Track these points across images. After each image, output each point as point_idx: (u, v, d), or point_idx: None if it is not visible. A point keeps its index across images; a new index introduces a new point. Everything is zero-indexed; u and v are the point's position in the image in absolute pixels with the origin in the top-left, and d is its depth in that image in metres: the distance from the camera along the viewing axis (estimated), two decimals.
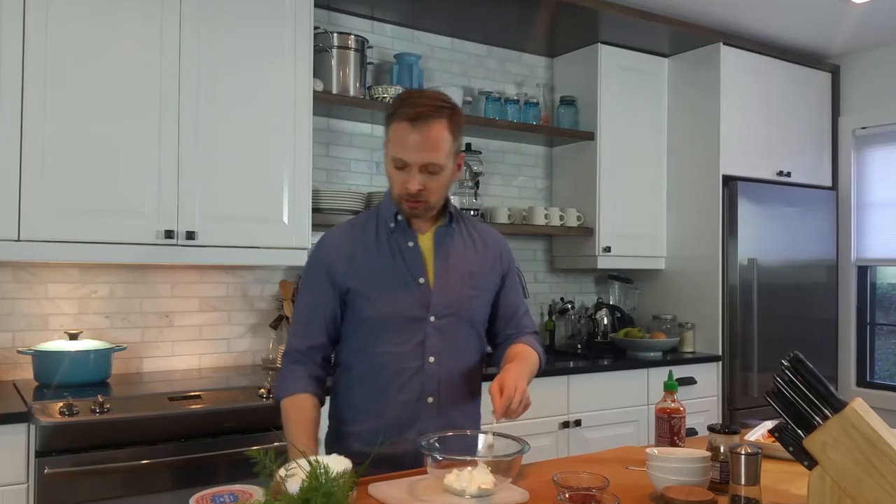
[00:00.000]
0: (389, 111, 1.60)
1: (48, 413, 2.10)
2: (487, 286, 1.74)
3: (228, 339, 3.02)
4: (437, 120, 1.56)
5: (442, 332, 1.65)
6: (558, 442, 3.13)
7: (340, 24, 3.27)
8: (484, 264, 1.74)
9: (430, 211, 1.66)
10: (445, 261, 1.68)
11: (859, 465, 1.19)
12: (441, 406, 1.66)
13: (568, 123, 3.72)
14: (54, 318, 2.69)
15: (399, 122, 1.56)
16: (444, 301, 1.65)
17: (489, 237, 1.79)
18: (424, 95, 1.61)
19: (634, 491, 1.45)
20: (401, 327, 1.64)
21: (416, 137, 1.55)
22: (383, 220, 1.69)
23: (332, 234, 1.73)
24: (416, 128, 1.55)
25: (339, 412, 1.73)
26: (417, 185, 1.58)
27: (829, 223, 4.13)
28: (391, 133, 1.59)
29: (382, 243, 1.67)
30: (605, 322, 3.86)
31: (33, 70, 2.35)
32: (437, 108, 1.57)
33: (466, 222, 1.77)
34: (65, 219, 2.39)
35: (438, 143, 1.57)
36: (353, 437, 1.66)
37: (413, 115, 1.55)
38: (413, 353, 1.64)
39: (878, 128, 4.13)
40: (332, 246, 1.69)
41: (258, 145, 2.73)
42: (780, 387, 1.29)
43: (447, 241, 1.70)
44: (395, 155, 1.58)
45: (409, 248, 1.67)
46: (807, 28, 3.82)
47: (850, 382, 4.15)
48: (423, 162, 1.56)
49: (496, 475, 1.35)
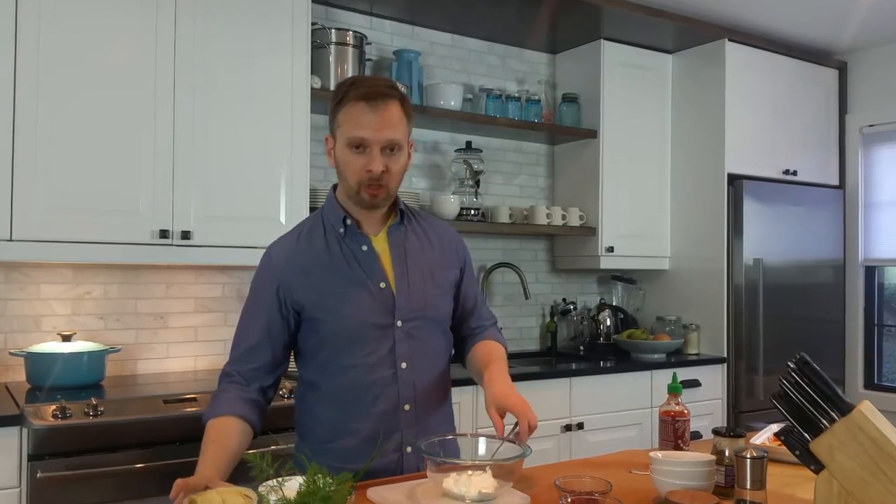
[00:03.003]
0: (337, 96, 1.56)
1: (41, 416, 2.09)
2: (448, 281, 1.69)
3: (224, 340, 2.98)
4: (391, 100, 1.53)
5: (410, 336, 1.60)
6: (560, 445, 3.11)
7: (338, 20, 3.25)
8: (442, 259, 1.69)
9: (388, 200, 1.60)
10: (404, 261, 1.62)
11: (867, 468, 1.18)
12: (418, 412, 1.61)
13: (570, 121, 3.71)
14: (47, 319, 2.67)
15: (353, 103, 1.52)
16: (409, 304, 1.60)
17: (443, 231, 1.74)
18: (373, 78, 1.60)
19: (638, 495, 1.43)
20: (368, 337, 1.57)
21: (373, 116, 1.50)
22: (330, 225, 1.62)
23: (277, 247, 1.65)
24: (373, 107, 1.51)
25: (310, 431, 1.65)
26: (381, 166, 1.51)
27: (836, 223, 4.10)
28: (343, 116, 1.53)
29: (334, 251, 1.60)
30: (607, 323, 3.84)
31: (26, 67, 2.33)
32: (390, 88, 1.55)
33: (417, 218, 1.72)
34: (58, 218, 2.37)
35: (396, 121, 1.53)
36: (330, 455, 1.56)
37: (367, 94, 1.51)
38: (384, 362, 1.57)
39: (886, 126, 4.10)
40: (281, 262, 1.61)
41: (255, 143, 2.71)
42: (786, 389, 1.27)
43: (402, 241, 1.64)
44: (352, 134, 1.51)
45: (364, 253, 1.60)
46: (813, 24, 3.80)
47: (857, 385, 4.13)
48: (385, 139, 1.51)
49: (497, 479, 1.34)
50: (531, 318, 3.84)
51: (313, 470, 1.10)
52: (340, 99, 1.54)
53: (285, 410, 2.42)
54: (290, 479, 1.19)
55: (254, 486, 1.18)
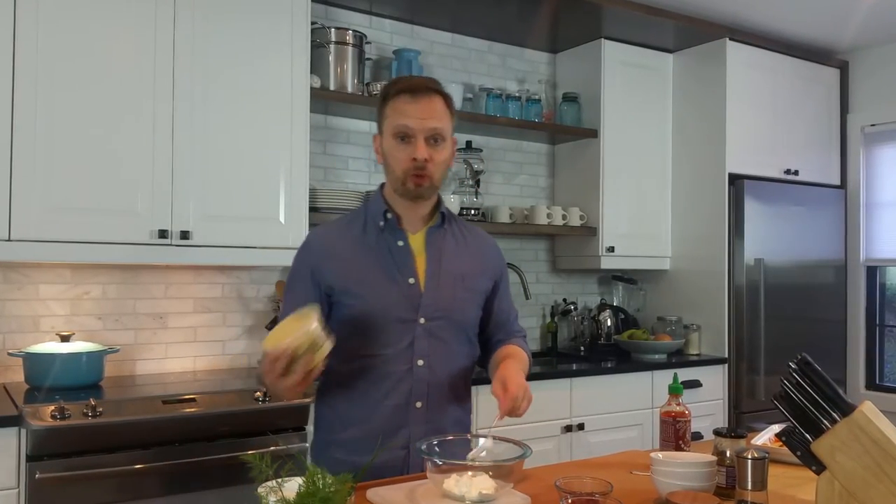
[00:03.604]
0: (383, 93, 1.63)
1: (39, 417, 2.08)
2: (480, 289, 1.72)
3: (223, 341, 2.99)
4: (435, 94, 1.60)
5: (432, 335, 1.61)
6: (561, 446, 3.10)
7: (338, 19, 3.24)
8: (477, 266, 1.72)
9: (432, 191, 1.63)
10: (437, 262, 1.65)
11: (868, 469, 1.18)
12: (429, 412, 1.62)
13: (571, 120, 3.70)
14: (46, 319, 2.66)
15: (398, 96, 1.59)
16: (435, 303, 1.62)
17: (482, 239, 1.78)
18: (418, 76, 1.66)
19: (638, 496, 1.43)
20: (388, 329, 1.59)
21: (417, 106, 1.57)
22: (372, 218, 1.66)
23: (316, 233, 1.71)
24: (417, 98, 1.58)
25: (325, 420, 1.69)
26: (425, 153, 1.56)
27: (838, 222, 4.09)
28: (389, 110, 1.60)
29: (370, 241, 1.64)
30: (608, 324, 3.83)
31: (24, 66, 2.32)
32: (433, 84, 1.62)
33: (458, 223, 1.75)
34: (56, 218, 2.37)
35: (440, 112, 1.59)
36: (339, 446, 1.62)
37: (411, 86, 1.59)
38: (401, 357, 1.60)
39: (887, 125, 4.09)
40: (317, 245, 1.66)
41: (254, 143, 2.70)
42: (788, 390, 1.27)
43: (439, 242, 1.67)
44: (398, 122, 1.57)
45: (399, 248, 1.63)
46: (815, 23, 3.78)
47: (858, 385, 4.11)
48: (429, 128, 1.57)
49: (497, 480, 1.33)
50: (532, 319, 3.83)
51: (313, 471, 1.10)
52: (385, 95, 1.62)
53: (284, 411, 2.44)
54: (290, 479, 1.19)
55: (253, 487, 1.18)
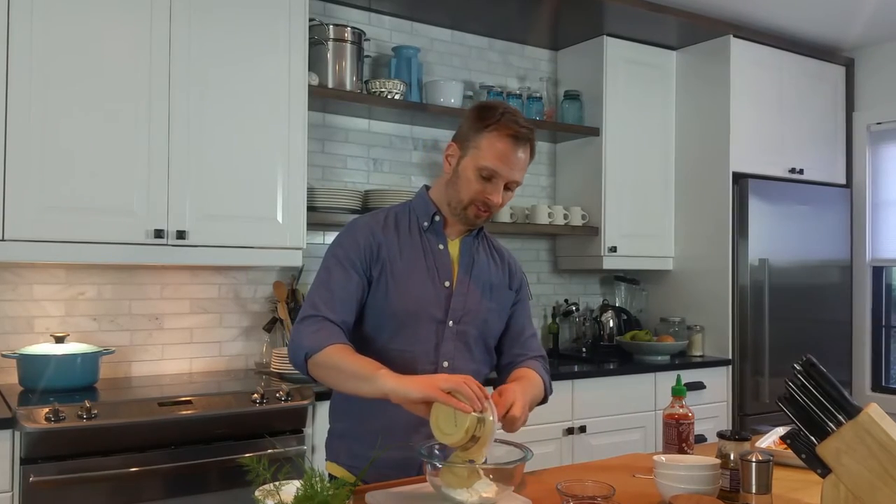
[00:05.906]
0: (487, 118, 1.60)
1: (33, 419, 2.08)
2: (504, 302, 1.76)
3: (220, 342, 2.98)
4: (530, 143, 1.63)
5: (459, 339, 1.65)
6: (562, 449, 3.08)
7: (336, 16, 3.23)
8: (503, 280, 1.76)
9: (486, 221, 1.70)
10: (469, 270, 1.70)
11: (874, 472, 1.18)
12: None
13: (572, 118, 3.68)
14: (40, 320, 2.65)
15: (502, 135, 1.58)
16: (464, 308, 1.66)
17: (506, 254, 1.83)
18: (520, 115, 1.64)
19: (641, 500, 1.44)
20: (418, 326, 1.62)
21: (519, 156, 1.60)
22: (416, 217, 1.71)
23: (364, 220, 1.71)
24: (520, 146, 1.59)
25: (342, 410, 1.69)
26: (500, 199, 1.62)
27: (843, 222, 4.07)
28: (486, 142, 1.59)
29: (414, 240, 1.68)
30: (610, 325, 3.81)
31: (18, 64, 2.31)
32: (533, 134, 1.64)
33: (488, 238, 1.81)
34: (51, 218, 2.36)
35: (526, 164, 1.64)
36: (356, 439, 1.62)
37: (518, 133, 1.58)
38: (427, 356, 1.62)
39: (893, 123, 4.07)
40: (368, 230, 1.67)
41: (251, 141, 2.69)
42: (793, 392, 1.27)
43: (472, 252, 1.72)
44: (488, 165, 1.58)
45: (440, 251, 1.69)
46: (820, 20, 3.77)
47: (864, 387, 4.10)
48: (514, 179, 1.61)
49: (498, 483, 1.33)
50: (533, 320, 3.77)
51: (310, 474, 1.10)
52: (490, 123, 1.59)
53: (283, 413, 2.42)
54: (288, 483, 1.19)
55: (250, 490, 1.18)
